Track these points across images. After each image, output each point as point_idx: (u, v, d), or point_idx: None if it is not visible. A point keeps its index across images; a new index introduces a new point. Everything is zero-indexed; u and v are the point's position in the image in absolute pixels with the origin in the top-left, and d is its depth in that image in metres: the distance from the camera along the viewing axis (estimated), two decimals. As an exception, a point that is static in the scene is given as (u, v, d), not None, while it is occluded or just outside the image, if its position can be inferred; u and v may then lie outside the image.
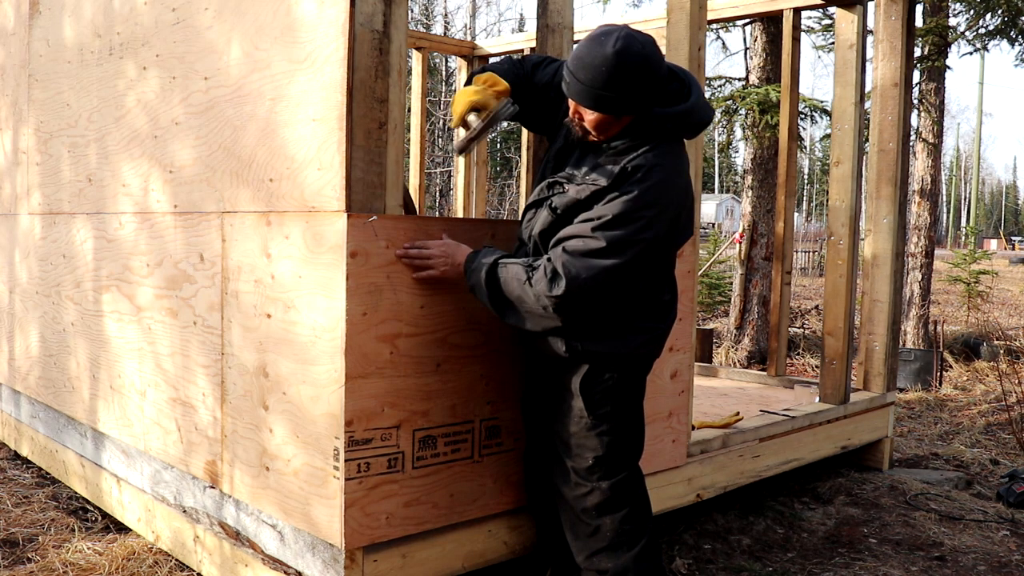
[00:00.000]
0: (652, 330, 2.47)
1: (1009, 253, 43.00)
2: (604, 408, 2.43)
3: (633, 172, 2.23)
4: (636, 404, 2.53)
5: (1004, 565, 3.33)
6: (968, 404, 6.58)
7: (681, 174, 2.34)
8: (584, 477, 2.47)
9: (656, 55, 2.20)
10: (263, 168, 2.58)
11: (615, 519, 2.46)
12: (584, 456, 2.45)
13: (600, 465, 2.45)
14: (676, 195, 2.31)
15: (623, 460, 2.49)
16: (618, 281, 2.26)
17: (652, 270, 2.38)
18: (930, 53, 7.77)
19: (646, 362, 2.54)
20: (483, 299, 2.36)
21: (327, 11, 2.34)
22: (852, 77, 4.35)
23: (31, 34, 3.93)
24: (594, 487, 2.46)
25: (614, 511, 2.46)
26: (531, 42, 6.26)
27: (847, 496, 4.07)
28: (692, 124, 2.36)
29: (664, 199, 2.26)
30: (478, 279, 2.34)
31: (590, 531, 2.48)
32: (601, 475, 2.45)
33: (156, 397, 3.12)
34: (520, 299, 2.29)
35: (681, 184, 2.33)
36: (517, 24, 38.11)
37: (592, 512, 2.47)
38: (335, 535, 2.36)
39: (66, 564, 3.03)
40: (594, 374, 2.42)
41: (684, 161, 2.38)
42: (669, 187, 2.28)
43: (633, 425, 2.53)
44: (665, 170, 2.26)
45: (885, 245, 4.51)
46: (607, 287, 2.25)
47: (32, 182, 3.96)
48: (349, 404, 2.32)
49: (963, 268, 11.77)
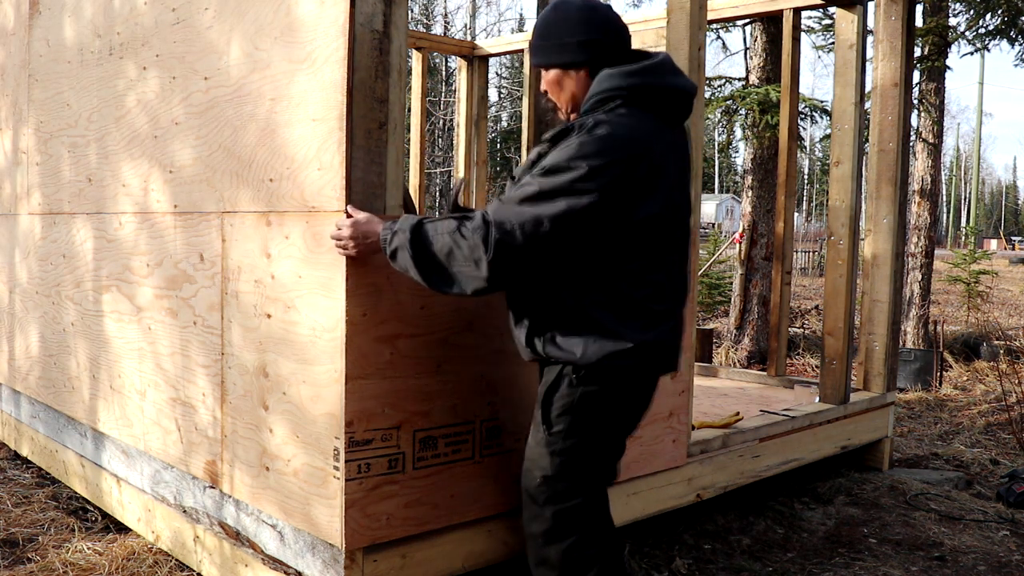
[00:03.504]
0: (628, 338, 2.10)
1: (1009, 253, 43.01)
2: (560, 424, 2.18)
3: (578, 128, 2.04)
4: (607, 425, 2.22)
5: (1004, 565, 3.33)
6: (968, 404, 6.58)
7: (638, 131, 2.07)
8: (532, 497, 2.24)
9: (600, 8, 2.19)
10: (263, 168, 2.58)
11: (560, 549, 2.21)
12: (533, 474, 2.24)
13: (548, 486, 2.20)
14: (631, 148, 2.03)
15: (577, 485, 2.21)
16: (554, 239, 1.99)
17: (613, 247, 2.08)
18: (930, 53, 7.78)
19: (624, 378, 2.16)
20: (406, 264, 2.09)
21: (327, 11, 2.34)
22: (852, 77, 4.35)
23: (31, 34, 3.93)
24: (538, 513, 2.23)
25: (559, 540, 2.21)
26: (531, 42, 6.25)
27: (847, 496, 4.07)
28: (652, 88, 2.12)
29: (612, 149, 2.00)
30: (402, 241, 2.08)
31: (537, 559, 2.28)
32: (547, 498, 2.21)
33: (156, 397, 3.12)
34: (451, 254, 2.03)
35: (640, 139, 2.06)
36: (517, 24, 38.13)
37: (539, 539, 2.25)
38: (335, 535, 2.36)
39: (66, 564, 3.03)
40: (556, 382, 2.18)
41: (647, 123, 2.10)
42: (619, 138, 2.02)
43: (597, 448, 2.22)
44: (614, 125, 2.04)
45: (885, 245, 4.51)
46: (542, 243, 1.99)
47: (32, 182, 3.96)
48: (349, 404, 2.32)
49: (963, 268, 11.77)
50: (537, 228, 1.98)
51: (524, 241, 1.99)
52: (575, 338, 2.13)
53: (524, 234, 1.98)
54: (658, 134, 2.13)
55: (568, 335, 2.13)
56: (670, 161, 2.15)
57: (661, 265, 2.19)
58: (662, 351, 2.20)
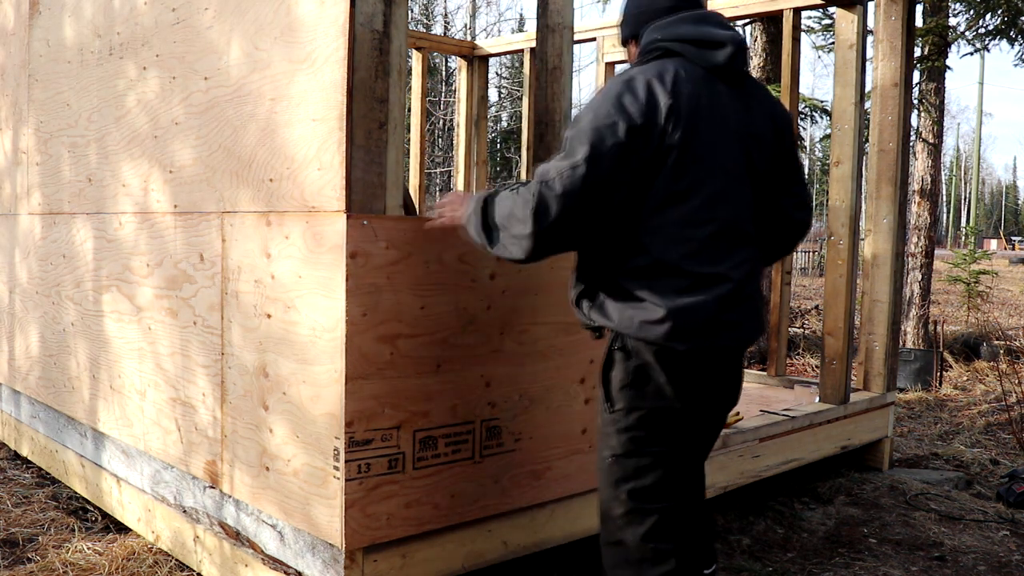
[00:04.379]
0: (660, 304, 1.99)
1: (1009, 253, 43.02)
2: (621, 401, 2.09)
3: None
4: (670, 401, 2.06)
5: (1004, 565, 3.33)
6: (968, 404, 6.58)
7: (666, 74, 2.02)
8: (605, 477, 2.15)
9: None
10: (263, 168, 2.58)
11: (637, 533, 2.09)
12: (603, 454, 2.15)
13: (618, 465, 2.11)
14: (651, 88, 1.99)
15: (650, 465, 2.10)
16: (589, 182, 1.94)
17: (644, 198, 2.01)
18: (930, 53, 7.77)
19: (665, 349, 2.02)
20: (472, 231, 2.13)
21: (327, 11, 2.34)
22: (852, 77, 4.34)
23: (31, 34, 3.93)
24: (614, 495, 2.12)
25: (636, 523, 2.09)
26: (531, 42, 6.26)
27: (847, 496, 4.07)
28: (685, 37, 2.09)
29: (631, 86, 2.00)
30: (474, 208, 2.13)
31: (612, 540, 2.16)
32: (619, 478, 2.11)
33: (156, 397, 3.12)
34: (510, 213, 2.02)
35: (666, 80, 2.00)
36: (517, 24, 38.11)
37: (618, 521, 2.12)
38: (335, 535, 2.36)
39: (66, 564, 3.03)
40: (609, 357, 2.10)
41: (684, 70, 2.05)
42: (637, 78, 2.01)
43: (666, 425, 2.09)
44: (638, 71, 2.04)
45: (885, 245, 4.51)
46: (578, 188, 1.94)
47: (32, 182, 3.96)
48: (349, 405, 2.32)
49: (963, 268, 11.76)
50: (573, 171, 1.95)
51: (561, 189, 1.95)
52: (614, 304, 2.07)
53: (562, 181, 1.95)
54: (699, 81, 2.06)
55: (610, 300, 2.07)
56: (714, 108, 2.06)
57: (706, 221, 2.04)
58: (706, 320, 2.02)
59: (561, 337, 2.83)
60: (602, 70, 6.26)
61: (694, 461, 2.22)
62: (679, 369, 2.05)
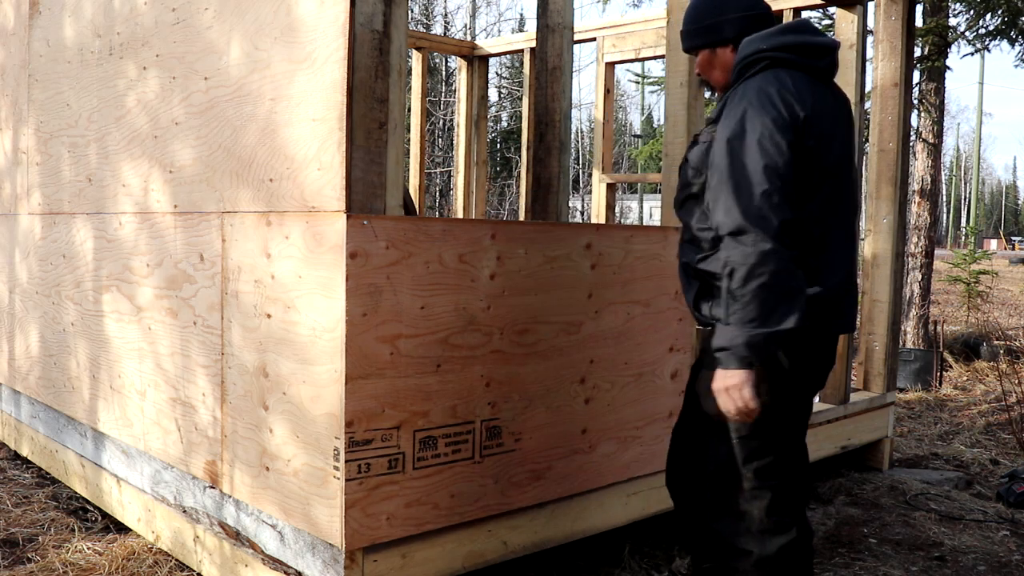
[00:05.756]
0: None
1: (1009, 253, 43.04)
2: None
3: (731, 96, 2.23)
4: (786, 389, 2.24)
5: (1004, 565, 3.33)
6: (968, 404, 6.58)
7: (786, 83, 2.19)
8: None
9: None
10: (263, 168, 2.58)
11: (761, 506, 2.26)
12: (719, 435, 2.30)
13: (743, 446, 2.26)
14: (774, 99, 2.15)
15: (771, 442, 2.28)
16: None
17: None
18: (930, 53, 7.77)
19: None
20: (769, 326, 2.07)
21: (327, 11, 2.34)
22: (852, 77, 4.34)
23: (31, 34, 3.93)
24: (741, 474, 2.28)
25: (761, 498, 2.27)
26: (531, 42, 6.27)
27: (847, 496, 4.07)
28: (793, 47, 2.25)
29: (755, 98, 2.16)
30: (746, 334, 2.09)
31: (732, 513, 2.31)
32: (746, 457, 2.27)
33: (156, 397, 3.12)
34: (749, 275, 2.07)
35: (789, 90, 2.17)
36: (517, 24, 38.10)
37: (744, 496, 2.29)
38: (335, 535, 2.36)
39: (66, 564, 3.03)
40: None
41: (795, 79, 2.21)
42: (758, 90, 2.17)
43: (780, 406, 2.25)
44: (757, 82, 2.20)
45: (885, 245, 4.51)
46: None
47: (32, 182, 3.96)
48: (349, 405, 2.32)
49: (963, 268, 11.75)
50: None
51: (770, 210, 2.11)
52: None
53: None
54: (811, 88, 2.24)
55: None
56: (826, 113, 2.25)
57: (824, 220, 2.25)
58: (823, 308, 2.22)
59: (561, 337, 2.83)
60: (602, 70, 6.26)
61: (801, 438, 2.43)
62: (799, 354, 2.22)
